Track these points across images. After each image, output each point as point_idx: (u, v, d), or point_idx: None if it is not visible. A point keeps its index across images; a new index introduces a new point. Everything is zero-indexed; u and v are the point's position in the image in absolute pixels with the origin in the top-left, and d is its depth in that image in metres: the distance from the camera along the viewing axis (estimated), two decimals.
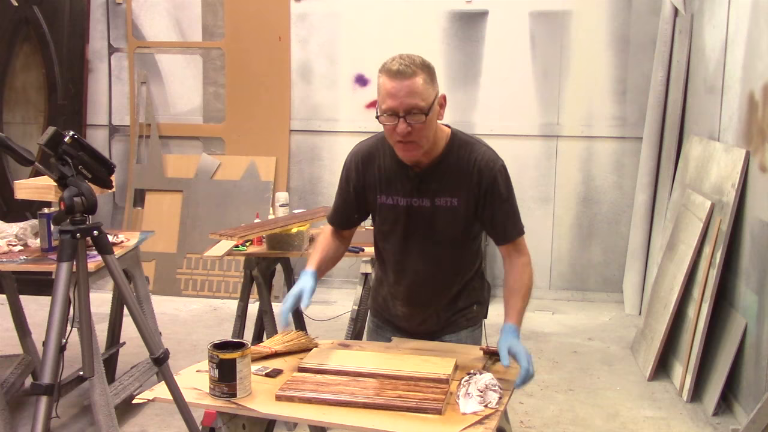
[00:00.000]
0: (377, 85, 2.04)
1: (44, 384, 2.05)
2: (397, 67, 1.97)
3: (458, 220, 2.14)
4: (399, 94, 1.96)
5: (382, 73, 2.01)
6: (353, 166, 2.22)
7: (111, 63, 5.98)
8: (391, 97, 1.97)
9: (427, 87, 1.99)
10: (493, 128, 5.56)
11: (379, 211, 2.21)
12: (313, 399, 1.80)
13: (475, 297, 2.32)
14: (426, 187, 2.13)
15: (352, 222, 2.32)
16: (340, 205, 2.29)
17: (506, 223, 2.15)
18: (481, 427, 1.69)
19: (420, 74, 1.98)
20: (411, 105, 1.97)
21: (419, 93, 1.97)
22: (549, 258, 5.69)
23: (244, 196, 5.76)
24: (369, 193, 2.21)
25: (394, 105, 1.97)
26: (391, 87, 1.97)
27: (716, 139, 4.23)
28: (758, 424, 2.71)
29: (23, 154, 2.19)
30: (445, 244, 2.18)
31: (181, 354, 4.30)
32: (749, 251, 3.56)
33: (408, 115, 1.97)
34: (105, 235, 2.30)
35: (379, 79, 2.03)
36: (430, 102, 2.00)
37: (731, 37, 4.06)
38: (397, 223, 2.18)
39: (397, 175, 2.15)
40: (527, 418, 3.63)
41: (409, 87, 1.96)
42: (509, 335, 2.01)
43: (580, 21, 5.45)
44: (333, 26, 5.72)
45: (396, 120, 1.98)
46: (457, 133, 2.16)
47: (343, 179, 2.26)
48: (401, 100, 1.96)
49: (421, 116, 1.98)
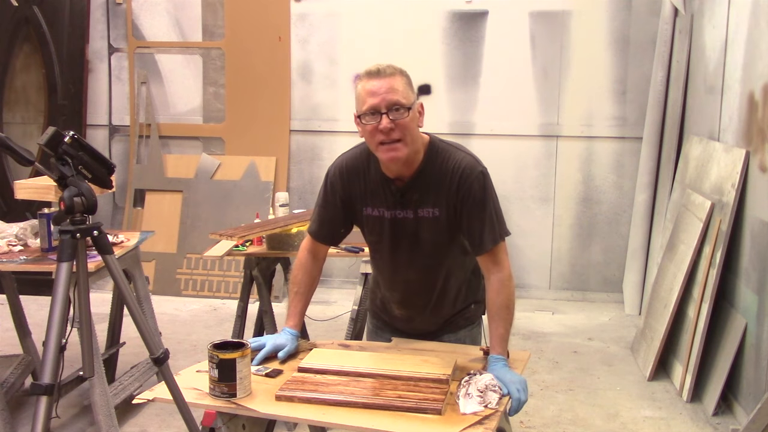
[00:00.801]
0: (355, 94, 2.03)
1: (44, 384, 2.05)
2: (377, 67, 1.98)
3: (442, 229, 2.11)
4: (380, 91, 1.96)
5: (360, 78, 2.02)
6: (338, 178, 2.18)
7: (111, 63, 5.98)
8: (371, 96, 1.97)
9: (407, 88, 2.00)
10: (493, 128, 5.56)
11: (366, 223, 2.20)
12: (313, 399, 1.80)
13: (472, 296, 2.31)
14: (408, 199, 2.10)
15: (336, 237, 2.28)
16: (326, 218, 2.23)
17: (483, 232, 2.07)
18: (481, 427, 1.69)
19: (399, 76, 2.00)
20: (393, 101, 1.96)
21: (400, 91, 1.98)
22: (549, 258, 5.69)
23: (244, 196, 5.76)
24: (355, 204, 2.18)
25: (375, 102, 1.96)
26: (371, 86, 1.97)
27: (716, 139, 4.23)
28: (758, 424, 2.71)
29: (23, 154, 2.19)
30: (432, 253, 2.15)
31: (181, 354, 4.30)
32: (749, 251, 3.56)
33: (390, 111, 1.96)
34: (105, 235, 2.30)
35: (356, 86, 2.03)
36: (411, 102, 2.00)
37: (731, 37, 4.06)
38: (383, 234, 2.17)
39: (380, 187, 2.13)
40: (527, 418, 3.63)
41: (390, 84, 1.97)
42: (496, 367, 1.96)
43: (580, 21, 5.45)
44: (333, 26, 5.72)
45: (378, 118, 1.97)
46: (436, 140, 2.13)
47: (328, 191, 2.21)
48: (383, 96, 1.96)
49: (404, 112, 1.97)
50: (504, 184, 5.54)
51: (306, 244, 2.31)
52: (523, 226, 5.63)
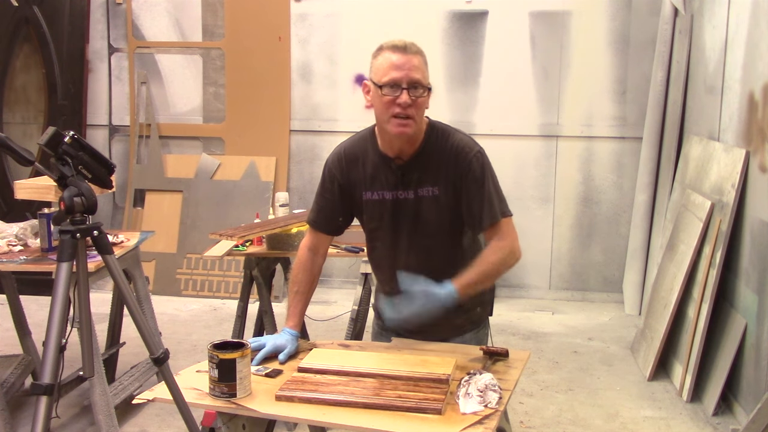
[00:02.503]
0: (375, 62, 2.06)
1: (44, 384, 2.06)
2: (403, 42, 2.03)
3: (441, 209, 2.14)
4: (404, 66, 2.01)
5: (384, 49, 2.05)
6: (336, 165, 2.23)
7: (111, 63, 5.98)
8: (396, 69, 2.01)
9: (426, 69, 2.06)
10: (493, 128, 5.56)
11: (366, 208, 2.21)
12: (313, 399, 1.80)
13: (479, 298, 2.29)
14: (409, 179, 2.14)
15: (334, 225, 2.29)
16: (324, 206, 2.27)
17: (482, 209, 2.10)
18: (481, 427, 1.69)
19: (421, 56, 2.05)
20: (415, 79, 2.02)
21: (421, 70, 2.04)
22: (549, 258, 5.69)
23: (244, 196, 5.76)
24: (355, 190, 2.21)
25: (398, 77, 2.01)
26: (397, 59, 2.01)
27: (716, 139, 4.23)
28: (758, 424, 2.71)
29: (23, 154, 2.19)
30: (432, 235, 2.17)
31: (181, 354, 4.30)
32: (749, 251, 3.56)
33: (410, 88, 2.01)
34: (105, 235, 2.30)
35: (378, 55, 2.06)
36: (428, 83, 2.06)
37: (731, 37, 4.06)
38: (383, 218, 2.18)
39: (381, 169, 2.16)
40: (527, 418, 3.63)
41: (414, 62, 2.02)
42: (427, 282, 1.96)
43: (580, 21, 5.45)
44: (333, 26, 5.72)
45: (398, 92, 2.01)
46: (435, 122, 2.18)
47: (326, 179, 2.25)
48: (406, 72, 2.01)
49: (423, 91, 2.03)
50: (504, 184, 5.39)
51: (306, 242, 2.32)
52: (523, 226, 5.60)
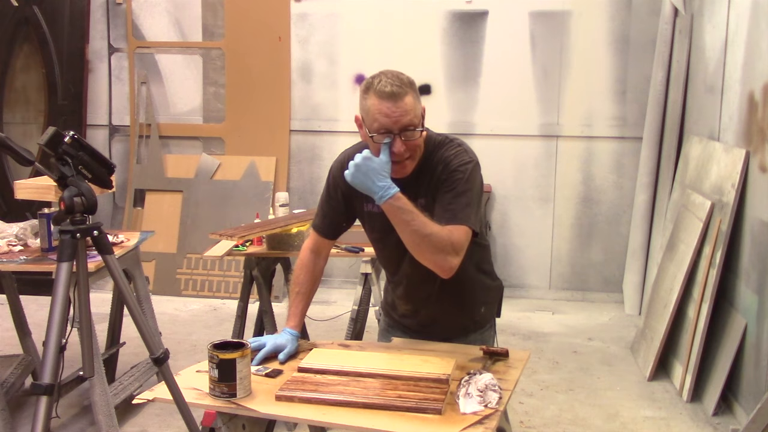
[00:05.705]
0: (364, 103, 2.03)
1: (44, 384, 2.05)
2: (390, 88, 1.98)
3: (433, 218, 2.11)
4: (393, 114, 1.98)
5: (370, 93, 2.01)
6: (339, 173, 2.19)
7: (111, 63, 5.98)
8: (385, 117, 1.98)
9: (416, 104, 2.02)
10: (493, 128, 5.56)
11: (367, 219, 2.23)
12: (313, 399, 1.80)
13: (482, 297, 2.30)
14: (409, 195, 2.09)
15: (338, 230, 2.31)
16: (328, 211, 2.28)
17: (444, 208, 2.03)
18: (481, 427, 1.69)
19: (409, 92, 2.00)
20: (406, 123, 1.99)
21: (412, 111, 2.00)
22: (549, 258, 5.69)
23: (244, 196, 5.76)
24: (356, 200, 2.21)
25: (389, 124, 1.98)
26: (386, 108, 1.98)
27: (716, 139, 4.23)
28: (758, 424, 2.71)
29: (23, 154, 2.19)
30: None
31: (181, 354, 4.30)
32: (749, 251, 3.56)
33: (403, 132, 1.99)
34: (105, 235, 2.30)
35: (365, 99, 2.02)
36: (420, 117, 2.03)
37: (731, 37, 4.06)
38: (384, 230, 2.16)
39: None
40: (527, 418, 3.63)
41: (403, 107, 1.98)
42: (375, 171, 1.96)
43: (580, 21, 5.45)
44: (333, 26, 5.72)
45: (390, 137, 1.99)
46: (432, 134, 2.16)
47: (331, 186, 2.26)
48: (396, 119, 1.98)
49: (416, 132, 2.01)
50: (504, 184, 5.55)
51: (308, 244, 2.33)
52: (523, 226, 5.63)
